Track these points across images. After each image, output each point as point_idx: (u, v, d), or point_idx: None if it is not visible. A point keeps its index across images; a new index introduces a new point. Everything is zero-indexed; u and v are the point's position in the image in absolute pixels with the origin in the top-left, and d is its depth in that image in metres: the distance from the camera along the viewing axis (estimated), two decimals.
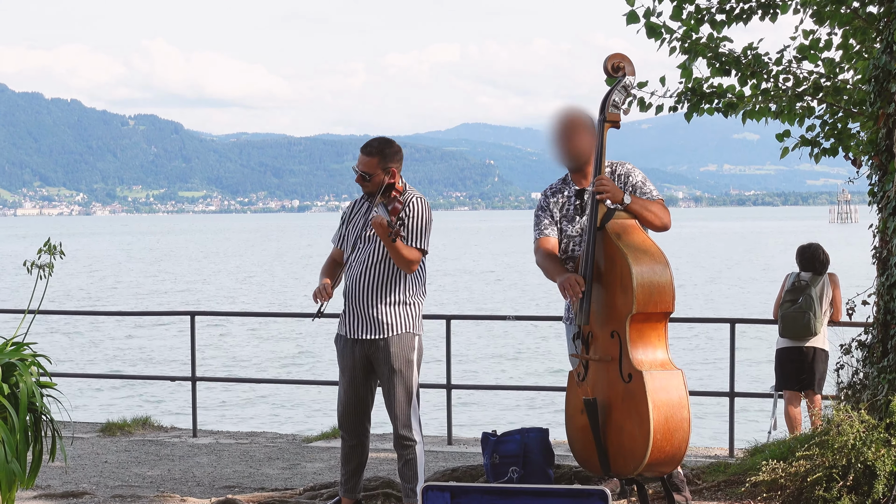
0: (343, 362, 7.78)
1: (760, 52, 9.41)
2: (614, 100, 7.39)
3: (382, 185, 7.64)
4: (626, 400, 7.05)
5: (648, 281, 7.04)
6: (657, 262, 7.12)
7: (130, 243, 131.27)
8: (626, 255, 7.06)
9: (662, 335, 7.20)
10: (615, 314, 7.14)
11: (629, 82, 7.44)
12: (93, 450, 11.04)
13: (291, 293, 52.51)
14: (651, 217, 7.34)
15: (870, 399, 7.52)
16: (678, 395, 7.01)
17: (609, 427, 7.21)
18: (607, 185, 7.23)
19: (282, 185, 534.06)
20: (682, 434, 7.01)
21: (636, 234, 7.29)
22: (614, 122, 7.40)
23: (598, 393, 7.26)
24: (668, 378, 7.04)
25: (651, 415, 6.87)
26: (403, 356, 7.62)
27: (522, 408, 21.98)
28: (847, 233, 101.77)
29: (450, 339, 11.35)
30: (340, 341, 7.80)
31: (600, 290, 7.26)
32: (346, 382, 7.76)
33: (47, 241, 7.69)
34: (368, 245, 7.66)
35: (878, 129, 7.75)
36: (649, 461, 6.94)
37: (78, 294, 53.69)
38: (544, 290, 48.32)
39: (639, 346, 7.09)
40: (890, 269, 7.54)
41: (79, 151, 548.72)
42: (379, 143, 7.72)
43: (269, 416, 21.83)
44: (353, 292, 7.69)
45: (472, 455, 10.51)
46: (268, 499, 8.44)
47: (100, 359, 31.16)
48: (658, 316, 7.14)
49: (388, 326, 7.61)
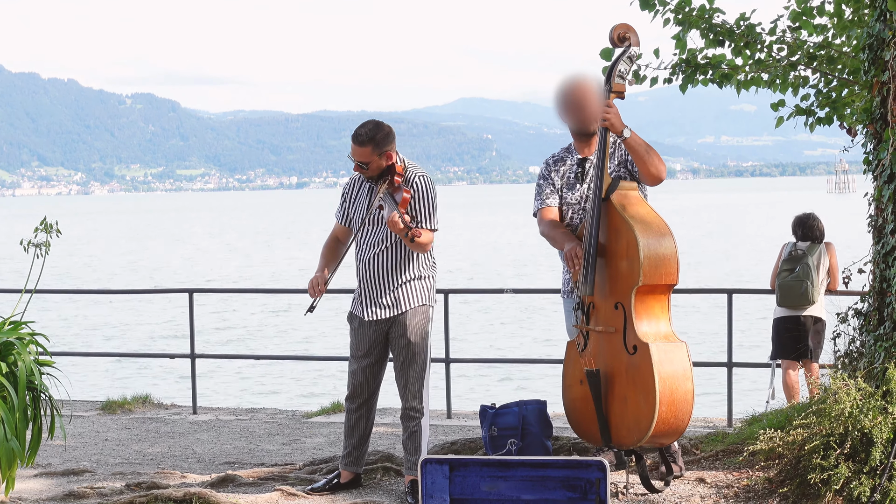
0: (358, 341, 7.80)
1: (754, 23, 9.39)
2: (620, 70, 7.36)
3: (382, 170, 7.64)
4: (630, 371, 7.07)
5: (654, 253, 7.04)
6: (662, 233, 7.12)
7: (129, 222, 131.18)
8: (632, 226, 7.06)
9: (666, 307, 7.21)
10: (620, 286, 7.14)
11: (634, 52, 7.40)
12: (93, 428, 11.06)
13: (291, 270, 52.48)
14: (647, 158, 7.29)
15: (866, 367, 7.54)
16: (682, 367, 7.03)
17: (612, 398, 7.22)
18: (610, 113, 7.24)
19: (280, 162, 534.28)
20: (686, 406, 7.03)
21: (640, 205, 7.29)
22: (619, 93, 7.38)
23: (600, 364, 7.28)
24: (672, 350, 7.05)
25: (657, 387, 6.89)
26: (420, 328, 7.69)
27: (521, 380, 22.02)
28: (845, 202, 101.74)
29: (448, 314, 11.37)
30: (356, 321, 7.81)
31: (604, 262, 7.25)
32: (361, 361, 7.78)
33: (43, 220, 7.70)
34: (378, 228, 7.67)
35: (872, 97, 7.74)
36: (654, 433, 6.96)
37: (77, 272, 53.68)
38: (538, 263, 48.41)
39: (643, 317, 7.10)
40: (885, 237, 7.54)
41: (76, 131, 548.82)
42: (368, 132, 7.65)
43: (269, 392, 21.87)
44: (366, 275, 7.70)
45: (471, 428, 10.54)
46: (268, 474, 8.46)
47: (99, 337, 31.19)
48: (662, 288, 7.14)
49: (406, 301, 7.67)
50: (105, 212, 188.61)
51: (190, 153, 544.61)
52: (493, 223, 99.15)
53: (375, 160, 7.62)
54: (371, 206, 7.67)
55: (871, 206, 7.87)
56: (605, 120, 7.26)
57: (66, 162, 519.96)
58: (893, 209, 7.39)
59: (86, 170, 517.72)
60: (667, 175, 7.55)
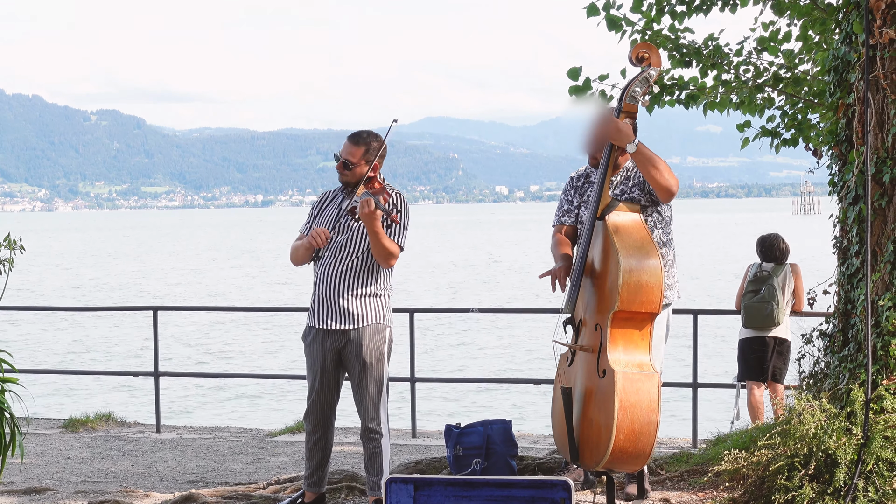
0: (312, 354, 7.74)
1: (721, 44, 9.43)
2: (634, 90, 7.31)
3: (363, 178, 7.62)
4: (598, 395, 7.04)
5: (636, 280, 6.95)
6: (650, 260, 7.00)
7: (94, 239, 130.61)
8: (618, 250, 6.98)
9: (647, 335, 7.07)
10: (601, 308, 7.10)
11: (652, 73, 7.30)
12: (55, 446, 10.99)
13: (258, 289, 52.38)
14: (655, 172, 7.22)
15: (831, 388, 7.55)
16: (648, 399, 6.94)
17: (582, 418, 7.20)
18: (619, 130, 7.19)
19: (245, 180, 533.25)
20: (647, 437, 6.95)
21: (634, 230, 7.16)
22: (630, 113, 7.32)
23: (578, 382, 7.25)
24: (641, 380, 6.96)
25: (616, 415, 6.84)
26: (375, 348, 7.61)
27: (486, 400, 22.02)
28: (810, 224, 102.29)
29: (413, 332, 11.35)
30: (310, 333, 7.76)
31: (593, 281, 7.22)
32: (314, 375, 7.73)
33: (7, 236, 7.65)
34: (341, 236, 7.63)
35: (837, 119, 7.78)
36: (610, 459, 6.92)
37: (41, 290, 53.37)
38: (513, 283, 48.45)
39: (619, 343, 7.02)
40: (850, 258, 7.57)
41: (40, 147, 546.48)
42: (368, 136, 7.71)
43: (232, 411, 21.78)
44: (323, 283, 7.66)
45: (436, 448, 10.52)
46: (231, 493, 8.42)
47: (63, 354, 31.01)
48: (643, 315, 7.02)
49: (360, 317, 7.59)
50: (68, 229, 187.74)
51: (155, 170, 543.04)
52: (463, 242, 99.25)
53: (362, 165, 7.62)
54: (341, 211, 7.65)
55: (836, 227, 7.90)
56: (610, 135, 7.23)
57: (29, 178, 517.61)
58: (858, 231, 7.42)
59: (50, 186, 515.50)
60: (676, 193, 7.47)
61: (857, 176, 7.39)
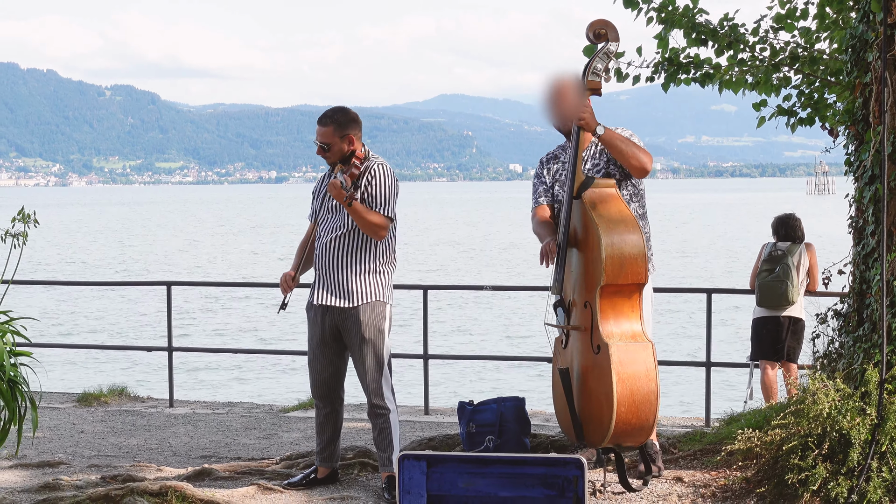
0: (313, 330, 7.76)
1: (737, 23, 9.38)
2: (595, 66, 7.32)
3: (344, 154, 7.62)
4: (595, 371, 7.05)
5: (619, 252, 6.99)
6: (630, 232, 7.04)
7: (109, 214, 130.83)
8: (597, 225, 7.01)
9: (636, 306, 7.14)
10: (588, 285, 7.12)
11: (612, 49, 7.36)
12: (69, 420, 11.01)
13: (270, 264, 52.41)
14: (626, 152, 7.27)
15: (845, 368, 7.54)
16: (645, 368, 6.96)
17: (582, 397, 7.21)
18: (586, 112, 7.23)
19: (259, 156, 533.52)
20: (648, 407, 6.96)
21: (612, 204, 7.22)
22: (595, 89, 7.34)
23: (575, 362, 7.27)
24: (636, 350, 6.99)
25: (615, 388, 6.85)
26: (375, 325, 7.60)
27: (499, 377, 22.02)
28: (824, 204, 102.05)
29: (427, 309, 11.34)
30: (311, 310, 7.78)
31: (577, 260, 7.24)
32: (316, 351, 7.75)
33: (21, 210, 7.65)
34: (336, 215, 7.64)
35: (854, 98, 7.74)
36: (615, 433, 6.92)
37: (55, 264, 53.49)
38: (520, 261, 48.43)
39: (610, 317, 7.06)
40: (865, 238, 7.55)
41: (55, 122, 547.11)
42: (333, 112, 7.70)
43: (245, 386, 21.82)
44: (322, 261, 7.68)
45: (449, 424, 10.52)
46: (244, 468, 8.42)
47: (77, 329, 31.09)
48: (630, 287, 7.08)
49: (359, 295, 7.59)
50: (82, 203, 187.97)
51: (169, 146, 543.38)
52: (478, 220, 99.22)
53: (337, 143, 7.60)
54: (328, 193, 7.67)
55: (851, 207, 7.87)
56: (581, 119, 7.26)
57: (44, 153, 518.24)
58: (874, 211, 7.39)
59: (64, 161, 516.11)
60: (648, 179, 7.53)
61: (874, 155, 7.36)
